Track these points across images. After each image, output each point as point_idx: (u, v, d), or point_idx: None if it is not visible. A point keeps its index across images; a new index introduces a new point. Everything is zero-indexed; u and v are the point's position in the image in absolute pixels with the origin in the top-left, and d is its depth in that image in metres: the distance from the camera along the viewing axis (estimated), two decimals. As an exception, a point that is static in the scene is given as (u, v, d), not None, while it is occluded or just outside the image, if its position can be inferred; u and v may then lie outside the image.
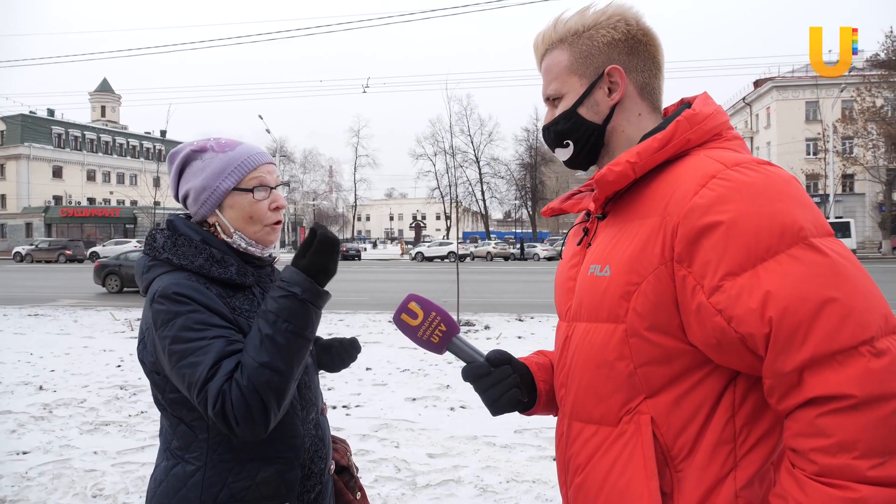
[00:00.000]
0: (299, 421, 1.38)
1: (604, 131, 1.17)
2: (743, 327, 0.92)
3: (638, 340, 1.03)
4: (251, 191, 1.39)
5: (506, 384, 1.21)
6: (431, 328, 1.25)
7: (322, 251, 1.29)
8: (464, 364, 1.25)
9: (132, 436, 4.67)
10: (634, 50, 1.15)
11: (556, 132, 1.21)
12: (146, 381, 6.28)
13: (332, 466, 1.50)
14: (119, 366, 7.29)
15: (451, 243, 42.27)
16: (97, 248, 42.70)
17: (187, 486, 1.29)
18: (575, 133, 1.18)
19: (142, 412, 5.29)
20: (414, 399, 5.69)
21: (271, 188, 1.43)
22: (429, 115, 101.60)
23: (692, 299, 0.97)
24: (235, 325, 1.30)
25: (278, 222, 1.45)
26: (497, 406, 1.23)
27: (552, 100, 1.21)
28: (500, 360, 1.24)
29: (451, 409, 5.38)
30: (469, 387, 1.26)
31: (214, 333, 1.24)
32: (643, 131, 1.15)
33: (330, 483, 1.49)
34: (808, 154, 44.69)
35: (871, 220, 43.73)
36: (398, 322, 1.26)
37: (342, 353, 1.66)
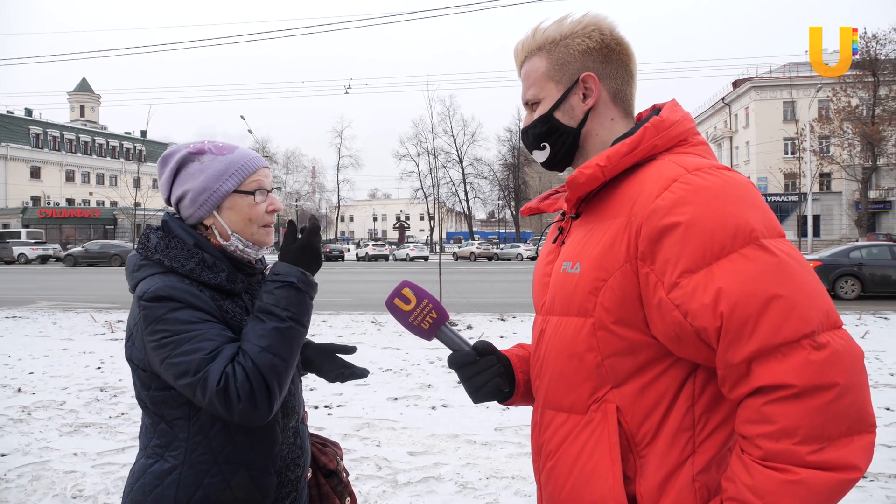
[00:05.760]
0: (279, 428, 1.40)
1: (578, 135, 1.23)
2: (697, 321, 0.98)
3: (605, 333, 1.10)
4: (252, 193, 1.42)
5: (489, 373, 1.28)
6: (423, 314, 1.29)
7: (311, 244, 1.38)
8: (451, 351, 1.30)
9: (112, 437, 4.65)
10: (608, 58, 1.21)
11: (533, 135, 1.27)
12: (127, 383, 6.29)
13: (309, 474, 1.52)
14: (99, 368, 7.23)
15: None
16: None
17: (164, 485, 1.31)
18: (551, 136, 1.24)
19: (122, 414, 5.27)
20: (396, 398, 5.72)
21: (268, 191, 1.46)
22: (412, 116, 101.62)
23: (654, 295, 1.03)
24: (226, 325, 1.32)
25: (272, 223, 1.48)
26: (479, 394, 1.29)
27: (530, 104, 1.27)
28: (486, 350, 1.30)
29: (433, 407, 5.41)
30: (450, 386, 1.31)
31: (210, 325, 1.28)
32: (615, 135, 1.21)
33: (306, 490, 1.50)
34: (787, 153, 45.35)
35: (848, 217, 44.44)
36: (390, 306, 1.30)
37: (338, 360, 1.61)
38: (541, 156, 1.28)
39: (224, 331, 1.29)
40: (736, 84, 52.10)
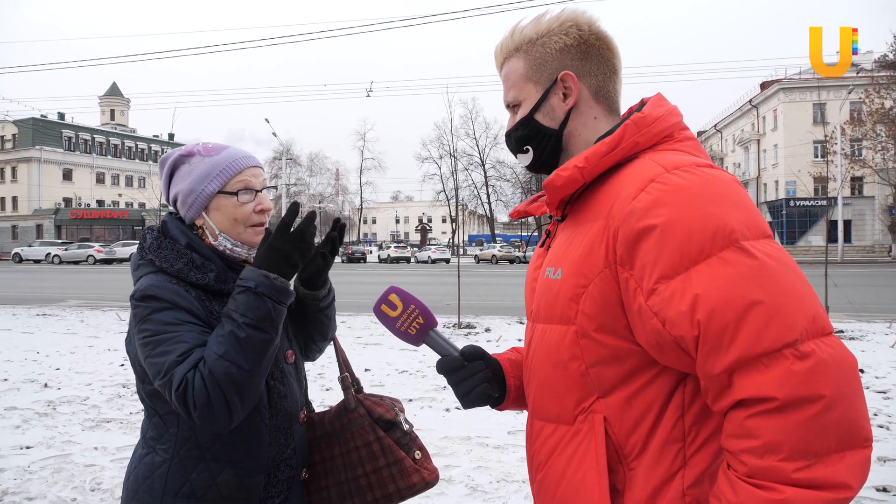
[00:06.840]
0: (265, 429, 1.40)
1: (561, 136, 1.19)
2: (675, 329, 0.94)
3: (588, 341, 1.06)
4: (235, 194, 1.43)
5: (477, 378, 1.25)
6: (410, 320, 1.28)
7: (275, 246, 1.33)
8: (439, 357, 1.29)
9: (132, 433, 4.76)
10: (587, 55, 1.17)
11: (515, 138, 1.23)
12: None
13: (305, 475, 1.52)
14: (122, 365, 7.37)
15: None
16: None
17: (153, 476, 1.36)
18: (533, 139, 1.21)
19: (143, 410, 5.38)
20: (410, 400, 5.75)
21: (257, 191, 1.46)
22: (434, 119, 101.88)
23: (634, 301, 1.00)
24: (210, 327, 1.34)
25: (263, 224, 1.48)
26: (468, 399, 1.27)
27: (511, 107, 1.24)
28: (474, 354, 1.28)
29: (447, 410, 5.44)
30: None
31: (188, 328, 1.30)
32: (599, 134, 1.16)
33: (299, 490, 1.51)
34: (816, 157, 44.18)
35: (881, 223, 43.40)
36: (378, 312, 1.29)
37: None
38: (524, 159, 1.25)
39: (203, 334, 1.31)
40: (764, 86, 51.20)
